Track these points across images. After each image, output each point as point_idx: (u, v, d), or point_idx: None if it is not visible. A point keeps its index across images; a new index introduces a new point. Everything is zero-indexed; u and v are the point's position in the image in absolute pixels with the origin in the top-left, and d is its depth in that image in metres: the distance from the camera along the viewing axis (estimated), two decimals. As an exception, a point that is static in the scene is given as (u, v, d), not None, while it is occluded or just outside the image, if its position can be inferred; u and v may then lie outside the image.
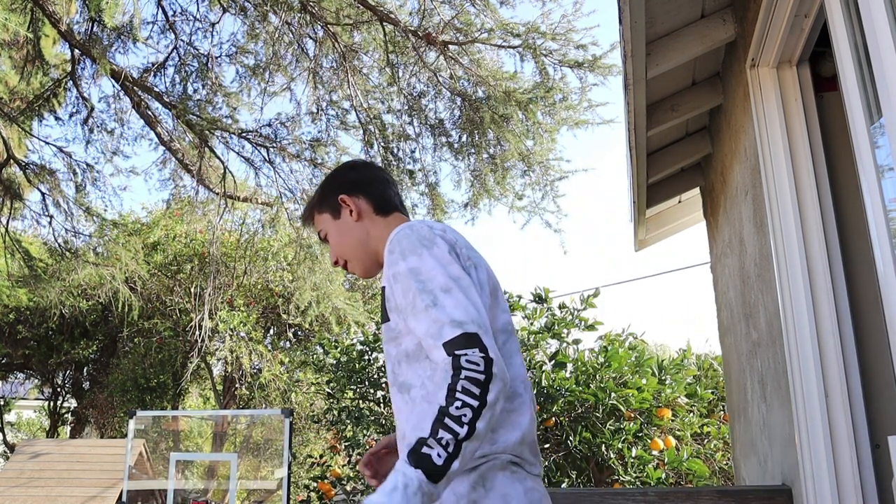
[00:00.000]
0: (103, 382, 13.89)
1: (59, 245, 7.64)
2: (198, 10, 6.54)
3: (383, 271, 1.48)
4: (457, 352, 1.24)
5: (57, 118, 7.32)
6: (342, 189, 1.68)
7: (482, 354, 1.23)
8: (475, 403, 1.19)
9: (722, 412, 6.26)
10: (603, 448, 5.44)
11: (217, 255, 9.29)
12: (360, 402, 6.61)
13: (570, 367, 6.12)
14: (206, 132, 6.66)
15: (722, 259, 3.66)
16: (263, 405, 12.46)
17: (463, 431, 1.18)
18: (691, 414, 5.93)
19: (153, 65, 6.56)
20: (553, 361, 6.14)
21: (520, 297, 7.11)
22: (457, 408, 1.19)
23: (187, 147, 7.01)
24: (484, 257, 1.53)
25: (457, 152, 6.58)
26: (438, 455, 1.16)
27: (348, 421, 6.34)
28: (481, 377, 1.21)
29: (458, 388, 1.21)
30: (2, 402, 16.02)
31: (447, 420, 1.19)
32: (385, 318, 1.46)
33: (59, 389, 15.60)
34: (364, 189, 1.68)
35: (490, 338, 1.26)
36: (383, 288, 1.47)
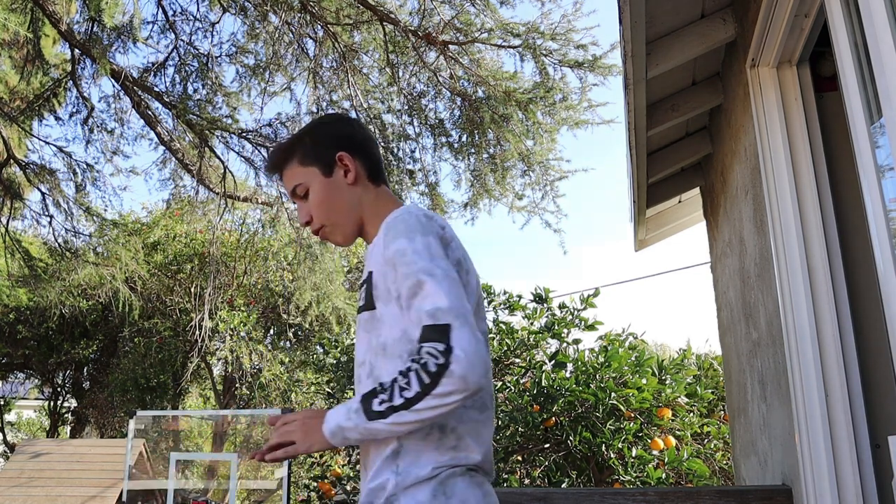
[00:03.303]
0: (103, 382, 13.89)
1: (59, 245, 7.64)
2: (198, 9, 6.53)
3: (373, 256, 1.41)
4: (424, 343, 1.24)
5: (57, 118, 7.33)
6: (341, 145, 1.49)
7: (443, 348, 1.21)
8: (418, 389, 1.22)
9: (722, 412, 6.26)
10: (603, 448, 5.44)
11: (217, 255, 9.30)
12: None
13: (570, 366, 6.13)
14: (206, 132, 6.66)
15: (722, 259, 3.66)
16: (263, 405, 12.45)
17: (399, 401, 1.23)
18: (691, 414, 5.93)
19: (153, 65, 6.55)
20: (553, 361, 6.15)
21: (520, 297, 7.12)
22: (405, 382, 1.24)
23: (187, 147, 7.01)
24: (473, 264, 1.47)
25: (457, 152, 6.57)
26: (380, 402, 1.25)
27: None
28: (434, 368, 1.21)
29: (412, 368, 1.24)
30: (2, 402, 16.01)
31: (395, 385, 1.24)
32: (370, 306, 1.39)
33: (59, 389, 15.59)
34: (363, 150, 1.51)
35: (471, 331, 1.23)
36: (371, 273, 1.39)
